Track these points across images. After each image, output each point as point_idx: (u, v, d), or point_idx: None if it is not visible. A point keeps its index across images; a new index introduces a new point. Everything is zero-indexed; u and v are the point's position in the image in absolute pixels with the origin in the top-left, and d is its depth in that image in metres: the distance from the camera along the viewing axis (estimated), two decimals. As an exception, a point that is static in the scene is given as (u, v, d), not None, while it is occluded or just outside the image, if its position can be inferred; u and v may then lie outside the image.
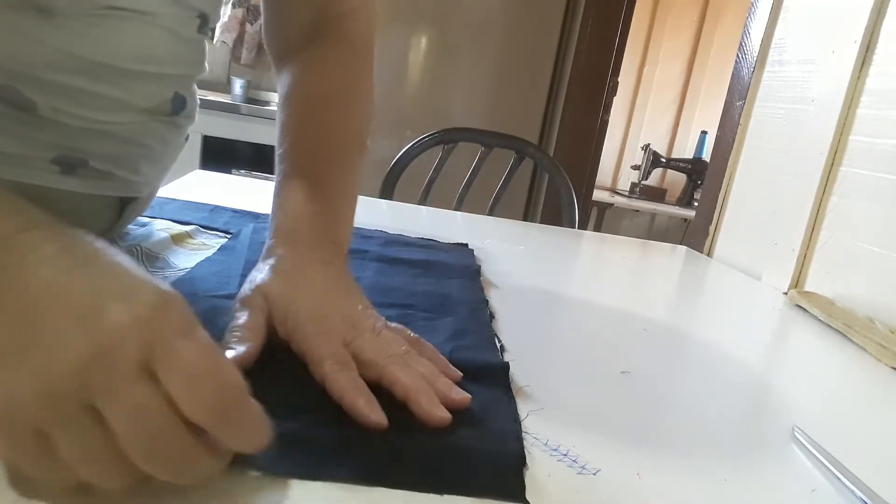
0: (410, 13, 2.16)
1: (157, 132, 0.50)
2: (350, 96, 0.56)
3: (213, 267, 0.55)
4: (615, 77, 2.24)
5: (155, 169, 0.53)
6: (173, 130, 0.52)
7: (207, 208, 0.74)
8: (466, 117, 2.20)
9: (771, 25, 1.03)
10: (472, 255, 0.75)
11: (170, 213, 0.68)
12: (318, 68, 0.55)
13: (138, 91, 0.46)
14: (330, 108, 0.54)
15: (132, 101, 0.46)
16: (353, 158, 0.54)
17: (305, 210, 0.47)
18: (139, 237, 0.59)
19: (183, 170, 0.99)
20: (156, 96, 0.48)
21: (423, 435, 0.33)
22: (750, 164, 1.05)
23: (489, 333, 0.51)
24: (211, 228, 0.67)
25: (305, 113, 0.53)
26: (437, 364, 0.40)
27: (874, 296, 0.76)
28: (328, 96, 0.54)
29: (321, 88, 0.54)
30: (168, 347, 0.24)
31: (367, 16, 0.59)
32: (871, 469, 0.40)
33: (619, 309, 0.69)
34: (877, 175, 0.79)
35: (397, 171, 1.35)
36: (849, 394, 0.57)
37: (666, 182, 3.33)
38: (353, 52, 0.57)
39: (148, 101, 0.47)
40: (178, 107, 0.51)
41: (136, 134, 0.48)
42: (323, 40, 0.56)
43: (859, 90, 0.83)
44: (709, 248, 1.11)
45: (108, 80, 0.43)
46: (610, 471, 0.34)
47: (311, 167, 0.51)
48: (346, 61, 0.56)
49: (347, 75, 0.56)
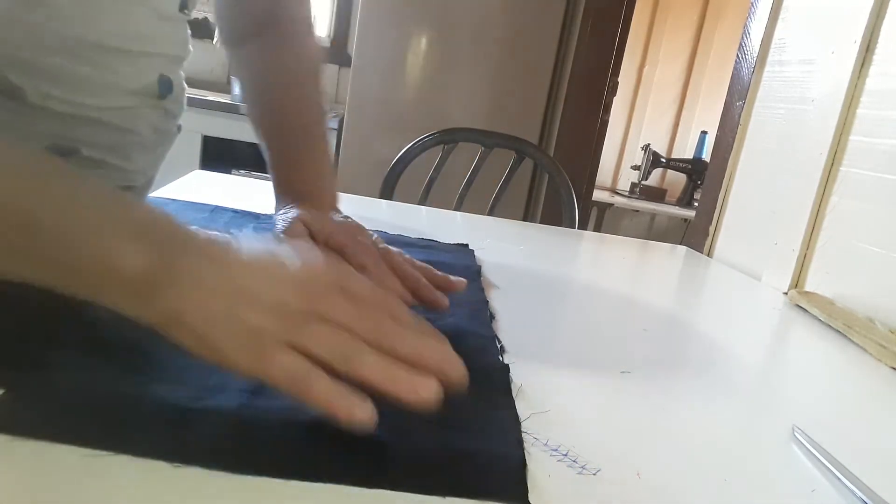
0: (410, 13, 2.16)
1: (146, 118, 0.50)
2: (317, 74, 0.66)
3: None
4: (615, 77, 2.24)
5: (148, 157, 0.53)
6: (163, 117, 0.53)
7: (208, 209, 0.74)
8: (466, 117, 2.20)
9: (771, 25, 1.03)
10: (472, 256, 0.75)
11: None
12: (284, 55, 0.64)
13: (124, 72, 0.46)
14: (302, 87, 0.64)
15: (118, 82, 0.46)
16: (324, 125, 0.66)
17: (304, 177, 0.63)
18: None
19: (183, 170, 0.99)
20: (142, 77, 0.48)
21: (423, 436, 0.33)
22: (750, 164, 1.05)
23: (489, 334, 0.50)
24: (211, 230, 0.67)
25: (281, 93, 0.64)
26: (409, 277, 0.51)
27: (874, 296, 0.76)
28: (298, 78, 0.64)
29: (289, 72, 0.65)
30: (349, 278, 0.36)
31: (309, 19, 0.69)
32: (871, 469, 0.40)
33: (619, 309, 0.69)
34: (877, 175, 0.79)
35: (397, 171, 1.35)
36: (849, 394, 0.57)
37: (666, 182, 3.33)
38: (309, 41, 0.67)
39: (134, 82, 0.48)
40: (165, 90, 0.51)
41: (127, 120, 0.48)
42: (278, 30, 0.64)
43: (859, 90, 0.83)
44: (709, 248, 1.11)
45: (92, 60, 0.44)
46: (610, 471, 0.34)
47: (297, 141, 0.64)
48: (303, 48, 0.66)
49: (311, 58, 0.66)
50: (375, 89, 2.20)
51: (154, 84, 0.50)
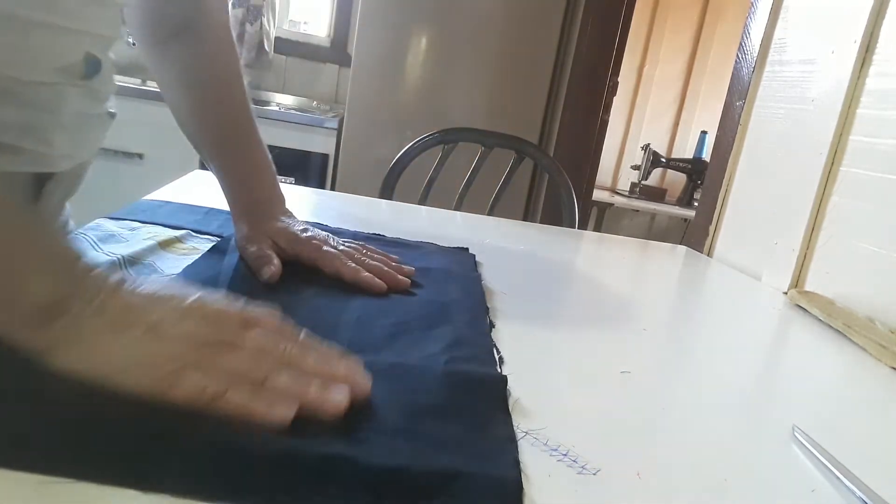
0: (410, 13, 2.16)
1: (69, 98, 0.48)
2: (238, 75, 0.67)
3: (201, 272, 0.53)
4: (615, 77, 2.24)
5: (71, 140, 0.50)
6: (88, 98, 0.51)
7: (202, 211, 0.73)
8: (466, 117, 2.20)
9: (771, 25, 1.03)
10: (472, 260, 0.74)
11: (162, 217, 0.67)
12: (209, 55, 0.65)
13: (48, 47, 0.44)
14: (231, 88, 0.65)
15: (45, 56, 0.44)
16: (257, 127, 0.66)
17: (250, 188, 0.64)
18: (119, 249, 0.57)
19: (183, 170, 0.99)
20: (66, 54, 0.46)
21: (414, 458, 0.32)
22: (750, 164, 1.05)
23: (488, 344, 0.49)
24: (203, 233, 0.66)
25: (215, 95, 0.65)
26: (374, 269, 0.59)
27: (874, 296, 0.76)
28: (226, 79, 0.65)
29: (215, 73, 0.65)
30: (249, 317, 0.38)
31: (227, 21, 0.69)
32: (871, 469, 0.40)
33: (619, 309, 0.69)
34: (877, 175, 0.79)
35: (397, 171, 1.35)
36: (849, 393, 0.57)
37: (666, 182, 3.33)
38: (229, 39, 0.67)
39: (60, 58, 0.45)
40: (92, 69, 0.49)
41: (46, 98, 0.45)
42: (199, 30, 0.64)
43: (859, 90, 0.83)
44: (709, 248, 1.11)
45: (15, 31, 0.41)
46: (610, 471, 0.34)
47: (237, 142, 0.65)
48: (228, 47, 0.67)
49: (232, 58, 0.67)
50: (375, 89, 2.20)
51: (79, 63, 0.47)
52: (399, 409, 0.36)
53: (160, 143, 1.96)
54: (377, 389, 0.37)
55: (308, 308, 0.51)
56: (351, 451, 0.31)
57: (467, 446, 0.34)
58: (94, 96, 0.52)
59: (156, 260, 0.56)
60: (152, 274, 0.53)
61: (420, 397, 0.38)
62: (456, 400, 0.38)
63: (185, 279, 0.51)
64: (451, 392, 0.39)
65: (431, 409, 0.37)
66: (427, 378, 0.41)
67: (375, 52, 2.18)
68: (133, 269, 0.53)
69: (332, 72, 2.71)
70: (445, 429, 0.35)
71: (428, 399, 0.38)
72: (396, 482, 0.30)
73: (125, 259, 0.54)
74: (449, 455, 0.33)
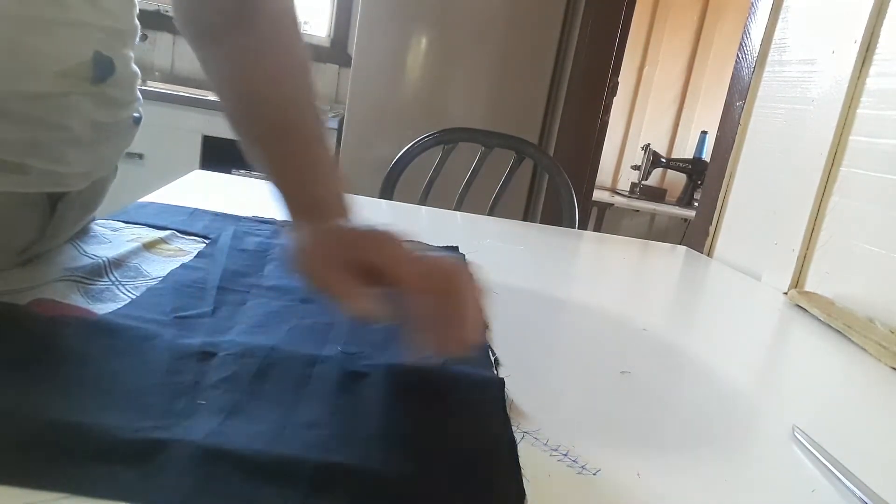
0: (410, 13, 2.16)
1: (79, 109, 0.42)
2: (309, 70, 0.55)
3: (188, 277, 0.51)
4: (615, 77, 2.23)
5: (87, 156, 0.44)
6: (103, 105, 0.44)
7: (186, 211, 0.71)
8: (466, 117, 2.19)
9: (771, 25, 1.03)
10: (462, 260, 0.72)
11: (146, 217, 0.65)
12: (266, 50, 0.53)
13: (51, 48, 0.38)
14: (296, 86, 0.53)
15: (44, 61, 0.38)
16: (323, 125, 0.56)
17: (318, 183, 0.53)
18: (102, 250, 0.53)
19: (183, 170, 0.99)
20: (73, 54, 0.40)
21: (413, 461, 0.31)
22: (750, 164, 1.05)
23: (483, 346, 0.48)
24: (188, 233, 0.64)
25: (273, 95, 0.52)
26: None
27: (874, 296, 0.76)
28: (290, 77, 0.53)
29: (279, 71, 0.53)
30: None
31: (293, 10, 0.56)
32: (871, 469, 0.40)
33: (619, 309, 0.69)
34: (877, 175, 0.79)
35: (397, 171, 1.35)
36: (849, 394, 0.57)
37: (666, 182, 3.33)
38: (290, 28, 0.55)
39: (63, 60, 0.39)
40: (104, 71, 0.43)
41: (52, 112, 0.40)
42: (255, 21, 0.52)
43: (859, 90, 0.83)
44: (709, 248, 1.11)
45: (13, 31, 0.36)
46: (610, 471, 0.34)
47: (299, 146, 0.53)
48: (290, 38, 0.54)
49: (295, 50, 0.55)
50: (375, 89, 2.20)
51: (87, 64, 0.41)
52: (397, 411, 0.36)
53: (160, 143, 1.96)
54: (375, 392, 0.37)
55: (305, 307, 0.51)
56: (350, 455, 0.31)
57: (466, 448, 0.34)
58: (111, 102, 0.46)
59: (141, 263, 0.53)
60: (137, 277, 0.50)
61: (418, 399, 0.38)
62: (454, 401, 0.38)
63: (172, 283, 0.49)
64: (449, 393, 0.40)
65: (430, 411, 0.37)
66: (425, 380, 0.41)
67: (375, 53, 2.18)
68: (118, 272, 0.50)
69: (332, 72, 2.71)
70: (444, 430, 0.35)
71: (426, 400, 0.38)
72: (396, 485, 0.30)
73: (109, 262, 0.51)
74: (448, 457, 0.32)
